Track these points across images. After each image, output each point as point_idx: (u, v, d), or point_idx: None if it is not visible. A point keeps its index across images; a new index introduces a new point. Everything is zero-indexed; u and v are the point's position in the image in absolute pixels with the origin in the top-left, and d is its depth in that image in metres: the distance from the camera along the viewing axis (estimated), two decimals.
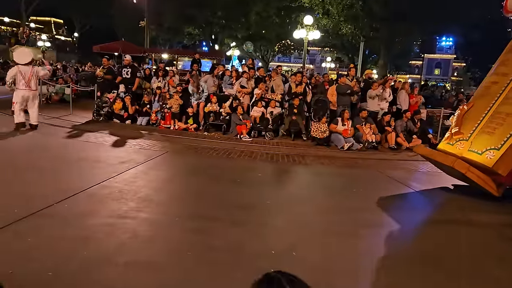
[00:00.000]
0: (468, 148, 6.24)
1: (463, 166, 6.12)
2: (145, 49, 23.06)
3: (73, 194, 5.07)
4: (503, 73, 6.67)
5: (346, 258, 3.96)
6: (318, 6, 23.94)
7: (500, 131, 5.97)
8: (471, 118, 6.58)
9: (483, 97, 6.79)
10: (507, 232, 5.02)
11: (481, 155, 5.98)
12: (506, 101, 6.23)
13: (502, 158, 5.75)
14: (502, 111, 6.18)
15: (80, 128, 10.32)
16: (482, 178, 6.02)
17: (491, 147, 5.92)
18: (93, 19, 47.79)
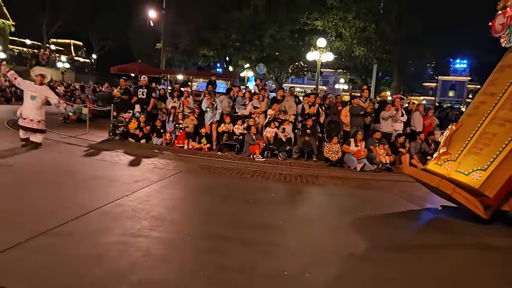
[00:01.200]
0: (455, 168, 6.13)
1: (449, 187, 6.01)
2: (161, 71, 23.48)
3: (88, 212, 5.12)
4: (491, 93, 6.60)
5: (360, 281, 3.89)
6: (331, 28, 24.24)
7: (487, 151, 5.86)
8: (459, 138, 6.50)
9: (471, 117, 6.71)
10: None
11: (468, 176, 5.86)
12: (494, 121, 6.13)
13: (489, 179, 5.61)
14: (489, 131, 6.08)
15: (96, 147, 10.48)
16: (469, 200, 5.89)
17: (477, 167, 5.80)
18: (111, 41, 49.08)
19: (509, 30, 6.77)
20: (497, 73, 6.83)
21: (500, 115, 6.13)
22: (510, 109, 6.03)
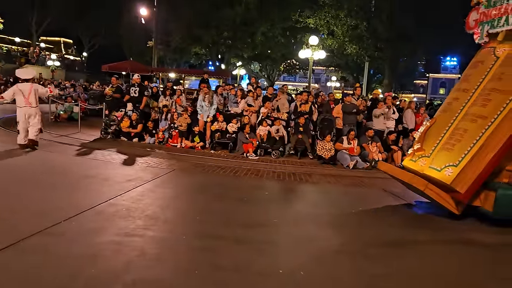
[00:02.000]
0: (429, 164, 6.16)
1: (421, 183, 6.06)
2: (152, 69, 23.36)
3: (81, 212, 5.08)
4: (464, 89, 6.66)
5: (354, 278, 3.91)
6: (323, 26, 24.30)
7: (458, 147, 5.90)
8: (433, 134, 6.52)
9: (445, 113, 6.75)
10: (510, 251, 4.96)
11: (440, 171, 5.90)
12: (466, 117, 6.17)
13: (460, 175, 5.65)
14: (461, 127, 6.12)
15: (88, 146, 10.41)
16: (441, 196, 5.94)
17: (449, 163, 5.84)
18: (101, 39, 48.67)
19: (482, 27, 6.82)
20: (471, 69, 6.88)
21: (472, 111, 6.17)
22: (481, 105, 6.06)
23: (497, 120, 5.69)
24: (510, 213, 5.70)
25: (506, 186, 5.81)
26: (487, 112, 5.89)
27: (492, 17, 6.60)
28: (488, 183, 5.87)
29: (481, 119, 5.89)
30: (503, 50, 6.38)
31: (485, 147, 5.64)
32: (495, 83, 6.10)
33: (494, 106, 5.84)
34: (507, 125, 5.62)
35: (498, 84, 6.04)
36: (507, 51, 6.30)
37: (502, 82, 6.00)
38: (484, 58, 6.67)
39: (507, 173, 5.93)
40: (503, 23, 6.38)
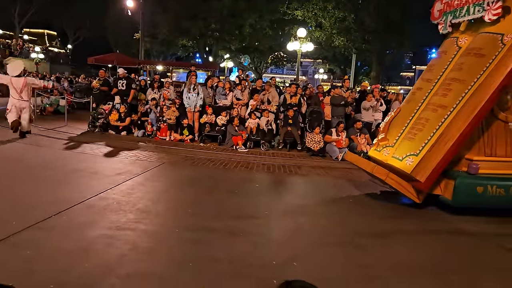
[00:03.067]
0: (392, 154, 6.24)
1: (382, 172, 6.16)
2: (139, 61, 23.11)
3: (71, 206, 5.05)
4: (427, 79, 6.73)
5: (345, 268, 3.98)
6: (311, 19, 24.29)
7: (420, 136, 5.98)
8: (398, 124, 6.60)
9: (409, 103, 6.83)
10: (498, 241, 5.07)
11: (402, 161, 5.97)
12: (428, 107, 6.25)
13: (420, 164, 5.73)
14: (423, 116, 6.19)
15: (76, 139, 10.30)
16: (402, 185, 6.04)
17: (410, 153, 5.91)
18: (86, 31, 47.87)
19: (446, 17, 6.90)
20: (435, 60, 6.97)
21: (433, 101, 6.25)
22: (442, 95, 6.14)
23: (455, 109, 5.76)
24: (468, 201, 5.83)
25: (465, 174, 5.94)
26: (447, 101, 5.96)
27: (454, 7, 6.68)
28: (448, 171, 5.99)
29: (441, 108, 5.96)
30: (465, 40, 6.46)
31: (444, 136, 5.73)
32: (455, 73, 6.17)
33: (453, 95, 5.92)
34: (465, 114, 5.70)
35: (458, 74, 6.12)
36: (469, 41, 6.37)
37: (462, 72, 6.07)
38: (447, 49, 6.75)
39: (466, 162, 6.05)
40: (464, 13, 6.48)
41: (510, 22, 5.81)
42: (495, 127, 6.21)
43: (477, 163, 5.91)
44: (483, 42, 6.08)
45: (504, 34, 5.75)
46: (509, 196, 5.79)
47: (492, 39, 5.91)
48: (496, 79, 5.63)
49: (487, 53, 5.84)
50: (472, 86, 5.75)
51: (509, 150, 6.25)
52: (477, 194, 5.76)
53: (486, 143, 6.20)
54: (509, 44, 5.64)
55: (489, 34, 6.03)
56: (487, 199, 5.79)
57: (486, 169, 5.95)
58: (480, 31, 6.23)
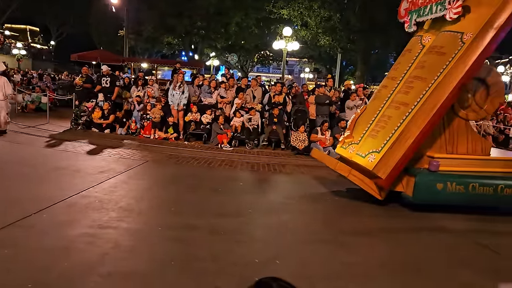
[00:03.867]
0: (356, 151, 6.32)
1: (345, 169, 6.25)
2: (124, 58, 22.86)
3: (52, 204, 4.98)
4: (392, 77, 6.83)
5: (328, 266, 4.00)
6: (297, 18, 24.30)
7: (382, 134, 6.06)
8: (363, 121, 6.67)
9: (375, 101, 6.93)
10: (476, 238, 5.17)
11: (364, 158, 6.04)
12: (391, 105, 6.33)
13: (382, 161, 5.79)
14: (386, 114, 6.28)
15: (58, 137, 10.15)
16: (364, 181, 6.12)
17: (373, 150, 5.99)
18: (70, 27, 47.13)
19: (411, 16, 7.00)
20: (400, 58, 7.05)
21: (396, 98, 6.34)
22: (404, 92, 6.23)
23: (416, 107, 5.84)
24: (428, 198, 5.94)
25: (425, 171, 6.04)
26: (408, 99, 6.04)
27: (419, 6, 6.78)
28: (410, 169, 6.09)
29: (403, 106, 6.04)
30: (429, 38, 6.55)
31: (405, 133, 5.80)
32: (418, 71, 6.26)
33: (415, 93, 6.00)
34: (425, 112, 5.78)
35: (420, 72, 6.21)
36: (432, 40, 6.46)
37: (424, 70, 6.16)
38: (412, 47, 6.85)
39: (427, 159, 6.17)
40: (427, 12, 6.58)
41: (470, 21, 5.89)
42: (456, 124, 6.36)
43: (437, 161, 6.01)
44: (444, 40, 6.16)
45: (464, 33, 5.83)
46: (469, 193, 5.89)
47: (453, 37, 5.99)
48: (455, 77, 5.71)
49: (448, 51, 5.92)
50: (432, 84, 5.82)
51: (470, 147, 6.41)
52: (437, 191, 5.85)
53: (448, 141, 6.35)
54: (468, 42, 5.71)
55: (450, 32, 6.11)
56: (447, 196, 5.89)
57: (447, 167, 6.07)
58: (442, 29, 6.32)
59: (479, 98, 6.41)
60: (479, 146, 6.47)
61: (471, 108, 6.40)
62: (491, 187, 5.92)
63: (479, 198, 5.93)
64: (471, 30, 5.75)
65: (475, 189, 5.89)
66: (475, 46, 5.67)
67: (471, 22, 5.85)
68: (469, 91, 6.34)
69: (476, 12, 5.88)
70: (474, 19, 5.82)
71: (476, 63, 5.74)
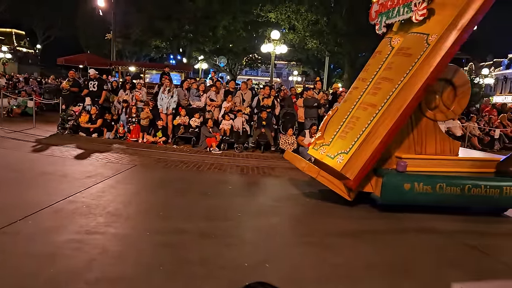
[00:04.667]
0: (327, 153, 6.35)
1: (313, 170, 6.27)
2: (111, 62, 22.69)
3: (38, 210, 4.91)
4: (363, 78, 6.89)
5: (316, 269, 4.01)
6: (284, 21, 24.41)
7: (350, 135, 6.10)
8: (334, 123, 6.70)
9: (346, 102, 6.97)
10: (462, 238, 5.23)
11: (333, 159, 6.08)
12: (360, 106, 6.39)
13: (350, 162, 5.83)
14: (355, 115, 6.33)
15: (44, 142, 10.03)
16: (333, 183, 6.15)
17: (342, 151, 6.03)
18: (56, 30, 46.65)
19: (381, 18, 7.08)
20: (371, 60, 7.12)
21: (365, 99, 6.39)
22: (373, 93, 6.29)
23: (383, 108, 5.89)
24: (396, 198, 5.98)
25: (393, 172, 6.10)
26: (376, 100, 6.10)
27: (388, 8, 6.86)
28: (378, 169, 6.16)
29: (371, 107, 6.09)
30: (398, 40, 6.61)
31: (372, 134, 5.84)
32: (386, 73, 6.33)
33: (382, 94, 6.06)
34: (392, 113, 5.83)
35: (388, 73, 6.27)
36: (401, 42, 6.53)
37: (391, 71, 6.23)
38: (382, 49, 6.92)
39: (396, 160, 6.23)
40: (395, 14, 6.65)
41: (435, 23, 5.95)
42: (425, 125, 6.43)
43: (405, 161, 6.06)
44: (411, 42, 6.23)
45: (429, 34, 5.89)
46: (436, 193, 5.93)
47: (419, 39, 6.06)
48: (421, 78, 5.77)
49: (414, 52, 5.99)
50: (399, 85, 5.87)
51: (439, 148, 6.48)
52: (404, 191, 5.87)
53: (416, 142, 6.42)
54: (433, 43, 5.77)
55: (416, 34, 6.18)
56: (414, 196, 5.91)
57: (415, 167, 6.13)
58: (410, 31, 6.38)
59: (447, 99, 6.50)
60: (447, 147, 6.55)
61: (439, 109, 6.48)
62: (458, 187, 5.96)
63: (446, 198, 5.96)
64: (436, 31, 5.81)
65: (442, 189, 5.92)
66: (439, 47, 5.73)
67: (436, 24, 5.91)
68: (436, 92, 6.41)
69: (441, 14, 5.94)
70: (439, 21, 5.89)
71: (441, 64, 5.80)
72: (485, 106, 17.07)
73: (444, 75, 6.36)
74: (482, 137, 13.62)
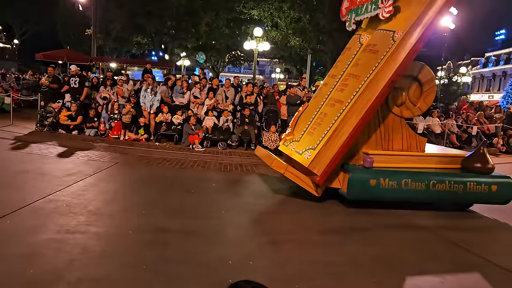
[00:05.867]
0: (296, 149, 6.40)
1: (281, 166, 6.30)
2: (92, 58, 22.31)
3: (16, 209, 4.79)
4: (332, 75, 6.95)
5: (301, 266, 4.02)
6: (267, 18, 24.44)
7: (318, 131, 6.16)
8: (304, 119, 6.75)
9: (315, 99, 7.04)
10: (445, 234, 5.33)
11: (301, 155, 6.13)
12: (329, 102, 6.45)
13: (317, 158, 5.87)
14: (323, 111, 6.40)
15: (23, 139, 9.80)
16: (301, 178, 6.18)
17: (309, 147, 6.07)
18: (34, 25, 45.57)
19: (350, 15, 7.16)
20: (341, 56, 7.18)
21: (333, 95, 6.45)
22: (340, 90, 6.35)
23: (350, 104, 5.94)
24: (362, 194, 6.02)
25: (359, 168, 6.16)
26: (343, 96, 6.16)
27: (357, 5, 6.94)
28: (346, 165, 6.22)
29: (338, 103, 6.14)
30: (367, 37, 6.67)
31: (339, 130, 5.88)
32: (353, 69, 6.39)
33: (349, 91, 6.11)
34: (358, 109, 5.87)
35: (355, 69, 6.34)
36: (370, 38, 6.59)
37: (358, 68, 6.30)
38: (352, 45, 6.98)
39: (363, 156, 6.30)
40: (364, 11, 6.73)
41: (401, 20, 6.01)
42: (391, 122, 6.50)
43: (371, 157, 6.12)
44: (377, 39, 6.29)
45: (395, 31, 5.95)
46: (402, 189, 5.97)
47: (385, 35, 6.12)
48: (386, 75, 5.80)
49: (380, 49, 6.05)
50: (365, 81, 5.91)
51: (405, 144, 6.57)
52: (370, 187, 5.91)
53: (383, 138, 6.49)
54: (398, 40, 5.82)
55: (383, 31, 6.24)
56: (380, 192, 5.95)
57: (382, 163, 6.18)
58: (377, 28, 6.45)
59: (413, 95, 6.54)
60: (414, 143, 6.62)
61: (405, 106, 6.52)
62: (423, 183, 6.00)
63: (412, 193, 6.00)
64: (402, 28, 5.86)
65: (408, 185, 5.97)
66: (404, 44, 5.77)
67: (402, 21, 5.96)
68: (403, 89, 6.46)
69: (406, 11, 6.00)
70: (405, 18, 5.94)
71: (406, 61, 5.80)
72: (463, 104, 17.39)
73: (410, 72, 6.40)
74: (460, 134, 13.88)
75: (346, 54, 6.89)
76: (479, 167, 6.27)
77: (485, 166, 6.27)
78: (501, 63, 45.50)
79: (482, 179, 6.18)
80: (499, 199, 6.30)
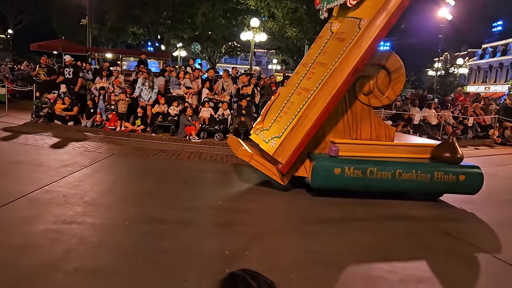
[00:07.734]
0: (264, 138, 6.38)
1: (246, 154, 6.25)
2: (87, 48, 22.12)
3: (13, 200, 4.79)
4: (304, 63, 6.93)
5: (296, 256, 4.04)
6: (264, 9, 24.25)
7: (284, 119, 6.14)
8: (275, 108, 6.72)
9: (286, 87, 7.02)
10: (437, 224, 5.37)
11: (267, 143, 6.12)
12: (297, 91, 6.41)
13: (281, 146, 5.86)
14: (291, 100, 6.38)
15: (18, 130, 9.76)
16: (266, 167, 6.15)
17: (275, 135, 6.06)
18: (29, 15, 45.08)
19: (323, 3, 7.11)
20: (313, 44, 7.15)
21: (301, 84, 6.43)
22: (308, 78, 6.33)
23: (315, 92, 5.92)
24: (326, 182, 5.97)
25: (324, 156, 6.11)
26: (309, 85, 6.14)
27: None
28: (311, 154, 6.20)
29: (305, 92, 6.13)
30: (338, 25, 6.62)
31: (303, 119, 5.86)
32: (321, 57, 6.36)
33: (315, 79, 6.09)
34: (322, 97, 5.84)
35: (323, 58, 6.31)
36: (339, 27, 6.53)
37: (326, 56, 6.27)
38: (323, 34, 6.95)
39: (330, 144, 6.25)
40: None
41: (367, 7, 5.96)
42: (360, 111, 6.43)
43: (336, 146, 6.06)
44: (345, 26, 6.26)
45: (362, 19, 5.90)
46: (366, 178, 5.92)
47: (352, 23, 6.08)
48: (351, 62, 5.76)
49: (347, 37, 6.01)
50: (331, 69, 5.88)
51: (374, 133, 6.51)
52: (334, 175, 5.86)
53: (351, 127, 6.43)
54: (363, 28, 5.78)
55: (350, 19, 6.20)
56: (345, 181, 5.91)
57: (348, 152, 6.11)
58: (346, 16, 6.40)
59: (381, 84, 6.40)
60: (382, 132, 6.55)
61: (374, 94, 6.41)
62: (389, 172, 5.96)
63: (378, 182, 5.95)
64: (367, 16, 5.82)
65: (373, 173, 5.92)
66: (368, 31, 5.73)
67: (368, 9, 5.91)
68: (371, 77, 6.33)
69: None
70: (371, 6, 5.89)
71: (370, 48, 5.75)
72: (459, 96, 17.42)
73: (378, 60, 6.30)
74: (456, 125, 13.92)
75: (318, 43, 6.86)
76: (448, 157, 6.19)
77: (454, 156, 6.19)
78: (498, 54, 45.51)
79: (450, 168, 6.11)
80: (467, 189, 6.23)
